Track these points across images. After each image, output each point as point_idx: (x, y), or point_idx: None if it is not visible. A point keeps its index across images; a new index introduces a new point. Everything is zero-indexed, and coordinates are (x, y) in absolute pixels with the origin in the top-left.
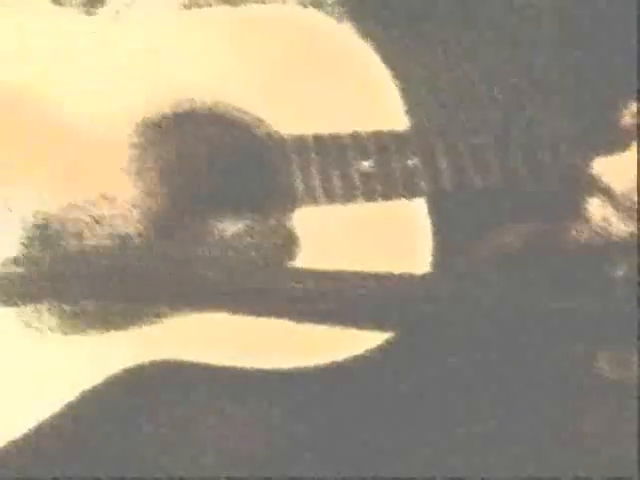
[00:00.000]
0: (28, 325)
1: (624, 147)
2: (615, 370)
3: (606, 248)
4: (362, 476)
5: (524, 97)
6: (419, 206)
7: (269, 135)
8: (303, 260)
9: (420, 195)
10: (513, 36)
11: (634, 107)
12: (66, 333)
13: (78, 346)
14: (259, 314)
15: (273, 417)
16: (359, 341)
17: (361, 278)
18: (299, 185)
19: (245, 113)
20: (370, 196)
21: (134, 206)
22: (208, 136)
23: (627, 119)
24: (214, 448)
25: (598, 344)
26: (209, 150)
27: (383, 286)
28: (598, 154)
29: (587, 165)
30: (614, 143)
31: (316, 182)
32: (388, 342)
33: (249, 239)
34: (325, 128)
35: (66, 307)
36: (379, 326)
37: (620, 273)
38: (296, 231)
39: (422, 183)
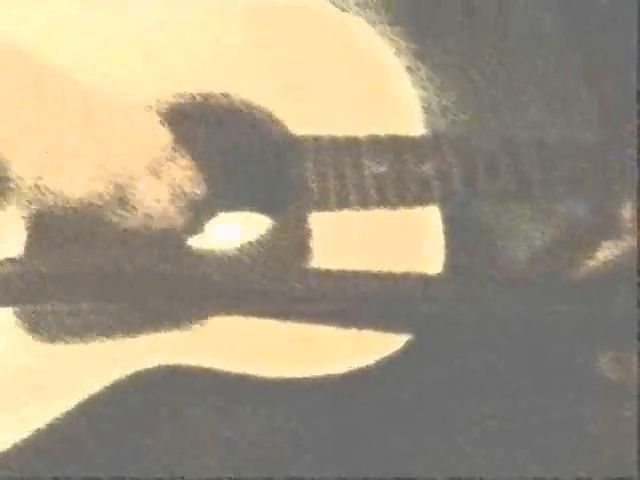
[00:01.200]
0: (34, 329)
1: None
2: (615, 371)
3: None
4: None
5: (537, 101)
6: (432, 208)
7: (284, 135)
8: (317, 262)
9: (433, 202)
10: (526, 40)
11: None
12: (74, 337)
13: (87, 349)
14: (272, 316)
15: (283, 423)
16: (374, 349)
17: (373, 278)
18: (314, 188)
19: (260, 111)
20: (383, 203)
21: (143, 205)
22: (221, 134)
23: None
24: (222, 454)
25: (598, 345)
26: (222, 149)
27: (396, 286)
28: (610, 160)
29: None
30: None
31: (330, 186)
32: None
33: (262, 241)
34: (341, 130)
35: (75, 310)
36: (391, 327)
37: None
38: (310, 233)
39: (435, 189)
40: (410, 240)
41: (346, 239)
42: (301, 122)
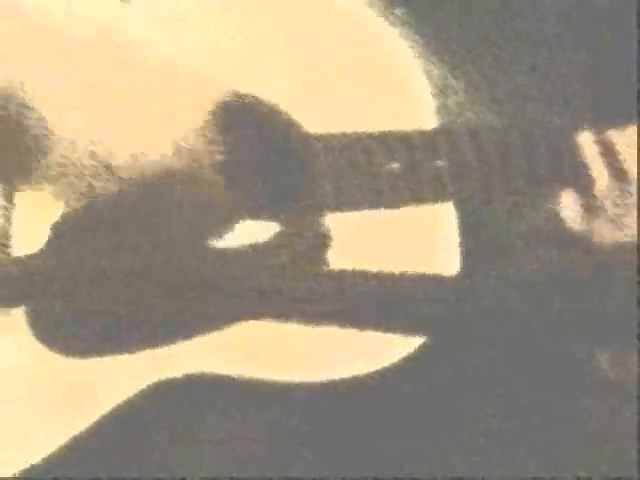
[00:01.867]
0: (54, 345)
1: None
2: (615, 370)
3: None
4: None
5: (553, 96)
6: (447, 207)
7: (296, 133)
8: (333, 263)
9: (448, 199)
10: (542, 34)
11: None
12: (102, 349)
13: (111, 359)
14: (283, 317)
15: (297, 425)
16: (386, 352)
17: (385, 279)
18: (327, 188)
19: (272, 110)
20: (398, 201)
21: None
22: (234, 133)
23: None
24: (240, 461)
25: (598, 344)
26: (234, 147)
27: (408, 287)
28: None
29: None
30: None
31: (344, 185)
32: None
33: (278, 242)
34: (354, 127)
35: (102, 321)
36: (403, 329)
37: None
38: (325, 234)
39: (450, 186)
40: (426, 241)
41: (361, 240)
42: (314, 120)
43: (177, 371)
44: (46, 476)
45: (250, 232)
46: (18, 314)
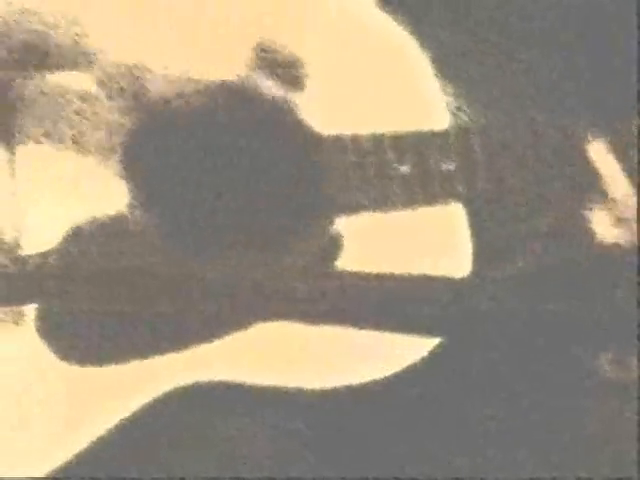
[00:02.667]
0: (66, 355)
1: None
2: (615, 371)
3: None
4: None
5: (561, 97)
6: (457, 208)
7: (307, 134)
8: (343, 265)
9: (458, 199)
10: (553, 36)
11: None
12: (115, 355)
13: (124, 366)
14: (298, 319)
15: (304, 433)
16: (399, 357)
17: (397, 280)
18: (338, 190)
19: (284, 110)
20: (408, 202)
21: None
22: (243, 130)
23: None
24: (245, 466)
25: (598, 345)
26: (243, 148)
27: (417, 288)
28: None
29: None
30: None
31: (354, 187)
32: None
33: (289, 244)
34: (363, 127)
35: (116, 328)
36: (417, 330)
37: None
38: (338, 236)
39: (460, 187)
40: (437, 242)
41: (371, 241)
42: (324, 121)
43: (185, 379)
44: None
45: (260, 234)
46: (28, 321)
